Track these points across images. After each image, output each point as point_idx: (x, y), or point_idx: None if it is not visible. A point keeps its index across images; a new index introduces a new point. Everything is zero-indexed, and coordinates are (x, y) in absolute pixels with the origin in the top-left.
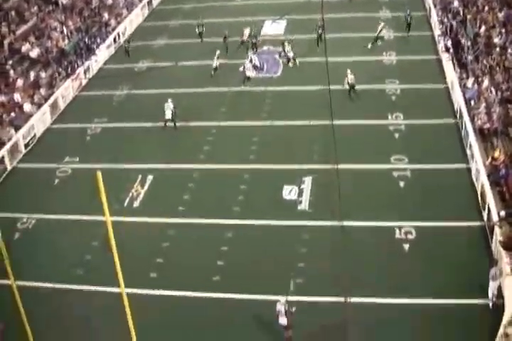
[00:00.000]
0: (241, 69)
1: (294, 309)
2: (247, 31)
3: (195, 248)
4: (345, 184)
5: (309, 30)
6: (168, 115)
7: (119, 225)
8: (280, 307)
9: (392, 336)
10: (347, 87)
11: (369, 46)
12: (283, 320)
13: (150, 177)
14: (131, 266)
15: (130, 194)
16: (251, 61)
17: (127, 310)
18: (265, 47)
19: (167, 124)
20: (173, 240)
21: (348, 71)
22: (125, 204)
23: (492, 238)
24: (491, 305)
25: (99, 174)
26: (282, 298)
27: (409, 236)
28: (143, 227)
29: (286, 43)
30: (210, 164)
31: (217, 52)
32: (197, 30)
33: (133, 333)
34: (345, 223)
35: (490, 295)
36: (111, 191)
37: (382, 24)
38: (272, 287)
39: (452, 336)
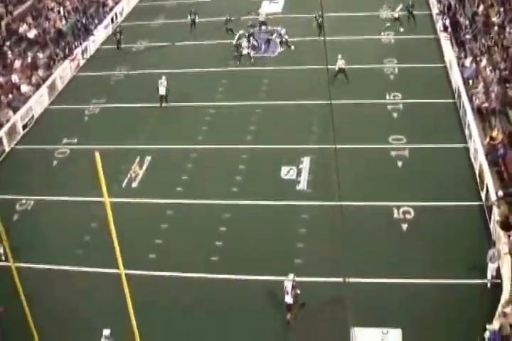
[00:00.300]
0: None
1: (299, 291)
2: (262, 11)
3: (193, 229)
4: (344, 164)
5: (307, 9)
6: (162, 91)
7: (117, 206)
8: (287, 284)
9: (391, 316)
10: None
11: (387, 25)
12: (288, 299)
13: (148, 158)
14: (130, 247)
15: (128, 175)
16: (249, 41)
17: (126, 290)
18: (263, 27)
19: (162, 102)
20: (172, 221)
21: (339, 56)
22: (124, 185)
23: (490, 218)
24: (489, 285)
25: (98, 155)
26: (290, 275)
27: (408, 216)
28: (141, 208)
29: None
30: (208, 144)
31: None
32: (189, 17)
33: (132, 314)
34: (344, 203)
35: (489, 276)
36: (109, 172)
37: (401, 6)
38: (271, 267)
39: (451, 316)
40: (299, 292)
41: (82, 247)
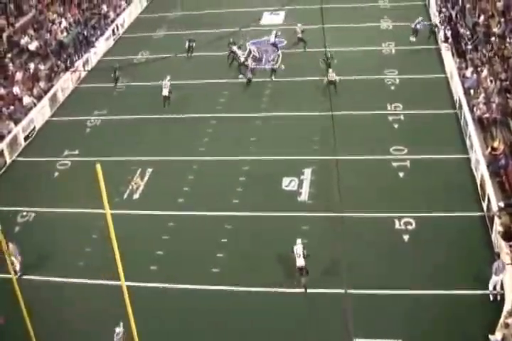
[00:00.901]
0: (241, 59)
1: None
2: (298, 29)
3: (195, 240)
4: (345, 175)
5: (308, 20)
6: (165, 93)
7: (119, 218)
8: (298, 247)
9: (392, 326)
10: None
11: (413, 39)
12: (300, 262)
13: (150, 170)
14: (132, 258)
15: (130, 186)
16: (250, 52)
17: (127, 302)
18: (264, 38)
19: (165, 102)
20: (173, 232)
21: (330, 70)
22: (125, 196)
23: (492, 228)
24: (491, 298)
25: (99, 166)
26: (299, 240)
27: (409, 227)
28: (143, 220)
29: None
30: (210, 156)
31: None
32: (186, 44)
33: (133, 325)
34: (345, 214)
35: (490, 288)
36: (111, 184)
37: (420, 18)
38: (272, 279)
39: (453, 327)
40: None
41: (84, 259)
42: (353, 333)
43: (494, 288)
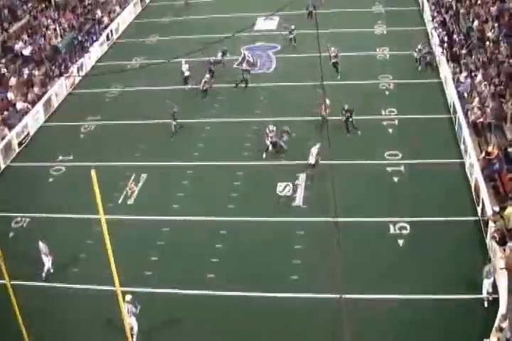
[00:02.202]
0: (235, 65)
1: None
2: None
3: (189, 245)
4: (340, 180)
5: (302, 26)
6: (187, 73)
7: (113, 223)
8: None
9: (387, 332)
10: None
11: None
12: (312, 160)
13: (144, 175)
14: (126, 264)
15: (124, 192)
16: (244, 57)
17: (122, 308)
18: (258, 43)
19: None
20: (168, 238)
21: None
22: (119, 202)
23: (486, 233)
24: (486, 303)
25: (93, 172)
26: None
27: (404, 232)
28: (137, 225)
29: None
30: (204, 161)
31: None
32: (185, 74)
33: (128, 331)
34: (340, 219)
35: (484, 292)
36: (105, 189)
37: (419, 46)
38: (267, 284)
39: (448, 331)
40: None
41: (78, 264)
42: (348, 338)
43: (488, 293)
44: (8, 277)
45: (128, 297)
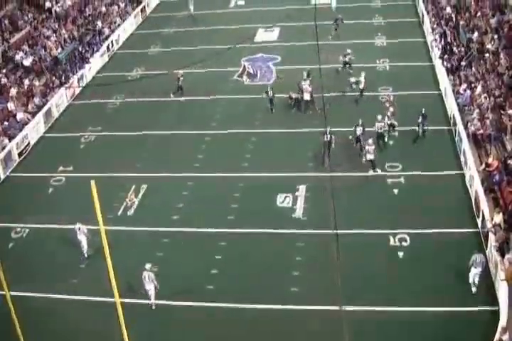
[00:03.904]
0: (235, 76)
1: None
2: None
3: (189, 257)
4: (340, 191)
5: (302, 37)
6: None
7: (113, 234)
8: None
9: None
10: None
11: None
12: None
13: (144, 186)
14: (126, 275)
15: (124, 203)
16: (244, 68)
17: (121, 319)
18: (258, 55)
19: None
20: (168, 249)
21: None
22: (119, 213)
23: (487, 244)
24: (474, 290)
25: (93, 183)
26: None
27: (404, 244)
28: (137, 236)
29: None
30: (204, 172)
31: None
32: (177, 83)
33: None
34: (340, 231)
35: (470, 280)
36: (105, 200)
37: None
38: (267, 295)
39: None
40: None
41: (78, 275)
42: None
43: (474, 284)
44: (7, 288)
45: (147, 265)
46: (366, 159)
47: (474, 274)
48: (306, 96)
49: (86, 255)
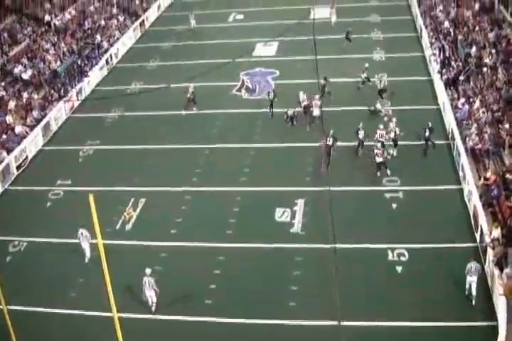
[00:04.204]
0: (234, 91)
1: None
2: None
3: (187, 271)
4: (338, 206)
5: (300, 52)
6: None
7: (111, 248)
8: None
9: None
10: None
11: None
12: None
13: (142, 200)
14: (124, 289)
15: (122, 217)
16: (243, 83)
17: (119, 334)
18: (257, 69)
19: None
20: (166, 263)
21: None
22: (117, 227)
23: (485, 259)
24: (473, 302)
25: (92, 197)
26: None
27: (402, 258)
28: (135, 250)
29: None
30: (203, 187)
31: None
32: (189, 96)
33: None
34: (338, 245)
35: (467, 286)
36: (103, 214)
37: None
38: (265, 310)
39: None
40: None
41: (76, 289)
42: None
43: (470, 292)
44: (4, 302)
45: (147, 270)
46: (376, 162)
47: (470, 282)
48: (316, 112)
49: (88, 261)
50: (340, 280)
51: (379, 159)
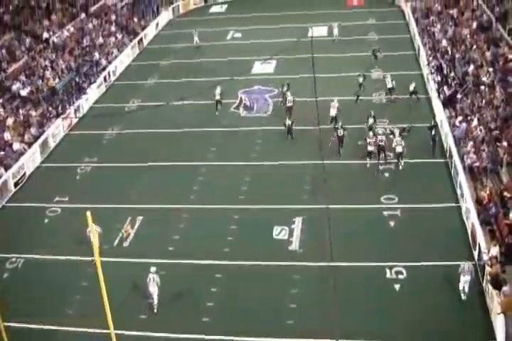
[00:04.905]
0: (232, 108)
1: None
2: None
3: (185, 289)
4: (336, 224)
5: (299, 69)
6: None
7: (108, 265)
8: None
9: None
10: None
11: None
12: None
13: (140, 218)
14: (121, 306)
15: (120, 234)
16: (241, 101)
17: None
18: (255, 87)
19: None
20: (163, 281)
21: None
22: (115, 244)
23: (483, 277)
24: (463, 297)
25: (89, 214)
26: None
27: (400, 276)
28: (133, 268)
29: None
30: (200, 204)
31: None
32: (217, 97)
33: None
34: (336, 263)
35: (460, 287)
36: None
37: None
38: (263, 328)
39: None
40: None
41: (73, 306)
42: None
43: (463, 291)
44: (1, 319)
45: (152, 268)
46: (396, 152)
47: (464, 282)
48: (332, 112)
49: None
50: (338, 298)
51: (370, 148)
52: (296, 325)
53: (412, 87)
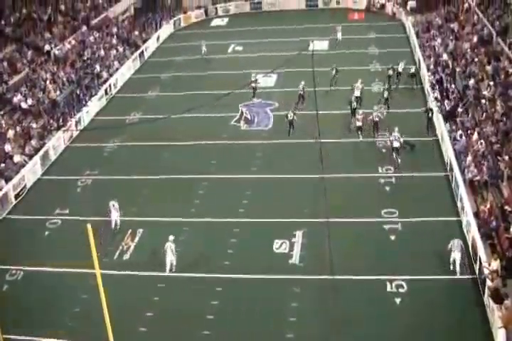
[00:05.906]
0: (233, 122)
1: None
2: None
3: (185, 302)
4: (336, 237)
5: (300, 83)
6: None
7: (108, 278)
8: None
9: None
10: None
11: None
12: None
13: (140, 230)
14: (121, 319)
15: (120, 247)
16: (242, 114)
17: None
18: (256, 100)
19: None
20: (163, 294)
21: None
22: (115, 257)
23: (484, 291)
24: (458, 274)
25: (89, 227)
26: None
27: (401, 290)
28: (133, 280)
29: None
30: (201, 218)
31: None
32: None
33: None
34: (337, 277)
35: (451, 260)
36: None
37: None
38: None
39: None
40: None
41: (73, 319)
42: None
43: (453, 263)
44: (0, 331)
45: (170, 237)
46: (392, 147)
47: (454, 258)
48: (357, 92)
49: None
50: (338, 312)
51: (359, 123)
52: (296, 339)
53: (412, 70)
